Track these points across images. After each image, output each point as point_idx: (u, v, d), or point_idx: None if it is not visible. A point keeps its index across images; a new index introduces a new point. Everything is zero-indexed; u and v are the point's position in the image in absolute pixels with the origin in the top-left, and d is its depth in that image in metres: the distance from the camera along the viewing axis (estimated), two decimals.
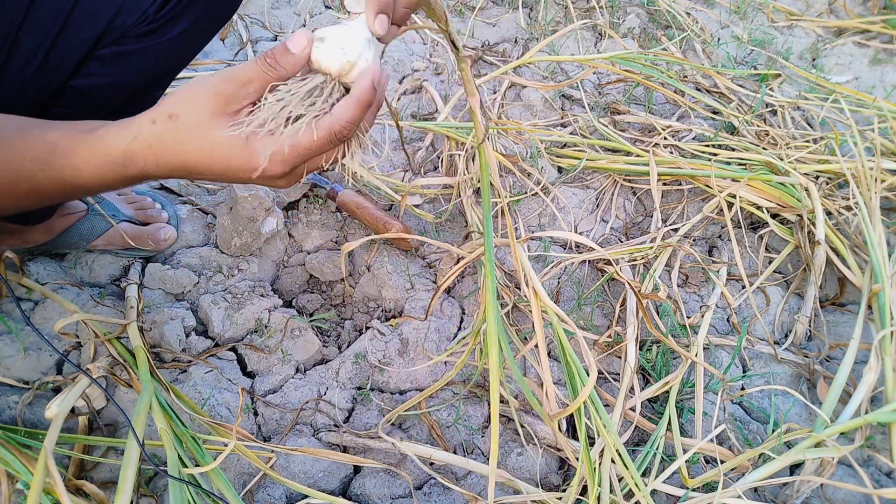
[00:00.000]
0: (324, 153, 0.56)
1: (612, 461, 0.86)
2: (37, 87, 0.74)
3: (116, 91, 0.80)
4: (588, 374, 0.82)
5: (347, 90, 0.56)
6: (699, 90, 1.59)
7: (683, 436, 0.94)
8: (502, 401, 0.99)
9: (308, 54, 0.54)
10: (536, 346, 1.09)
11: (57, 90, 0.76)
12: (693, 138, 1.41)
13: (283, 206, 1.23)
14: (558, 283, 1.16)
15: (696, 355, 1.01)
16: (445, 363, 1.05)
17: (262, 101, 0.54)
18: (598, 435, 0.87)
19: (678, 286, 1.19)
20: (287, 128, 0.53)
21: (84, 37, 0.73)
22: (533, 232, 1.26)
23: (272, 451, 0.85)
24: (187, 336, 1.02)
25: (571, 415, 0.98)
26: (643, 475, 0.88)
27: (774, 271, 1.23)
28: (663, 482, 0.88)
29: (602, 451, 0.88)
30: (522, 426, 0.97)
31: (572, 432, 0.97)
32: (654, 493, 0.88)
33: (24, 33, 0.69)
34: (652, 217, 1.29)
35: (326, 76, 0.55)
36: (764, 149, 1.35)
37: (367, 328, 1.08)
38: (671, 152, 1.35)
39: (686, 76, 1.62)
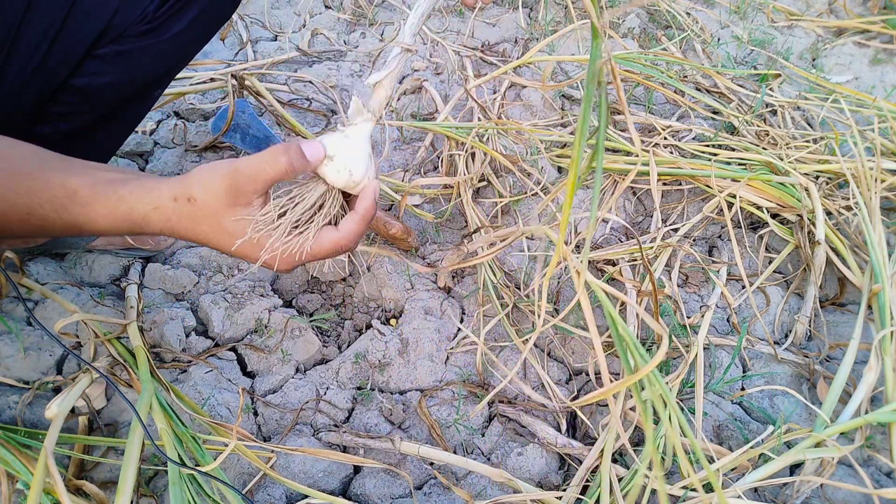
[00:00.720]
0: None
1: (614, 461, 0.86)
2: (37, 85, 0.74)
3: (116, 90, 0.80)
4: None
5: (345, 193, 0.63)
6: (699, 90, 1.58)
7: (683, 436, 0.94)
8: (503, 401, 0.99)
9: (318, 166, 0.59)
10: (537, 346, 1.09)
11: (57, 89, 0.76)
12: (693, 138, 1.41)
13: None
14: (558, 283, 1.16)
15: (695, 355, 1.01)
16: (446, 363, 1.05)
17: (271, 202, 0.58)
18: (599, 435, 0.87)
19: (678, 286, 1.19)
20: (296, 236, 0.59)
21: (83, 35, 0.73)
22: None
23: (272, 451, 0.85)
24: (187, 336, 1.02)
25: (573, 415, 0.98)
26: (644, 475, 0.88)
27: (774, 271, 1.23)
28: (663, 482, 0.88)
29: (602, 450, 0.88)
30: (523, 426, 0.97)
31: (572, 432, 0.98)
32: (653, 492, 0.87)
33: (23, 32, 0.69)
34: (652, 217, 1.29)
35: (330, 186, 0.61)
36: (764, 149, 1.35)
37: (368, 328, 1.08)
38: (671, 152, 1.35)
39: (686, 76, 1.62)
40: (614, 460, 0.90)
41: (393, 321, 1.10)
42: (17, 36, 0.69)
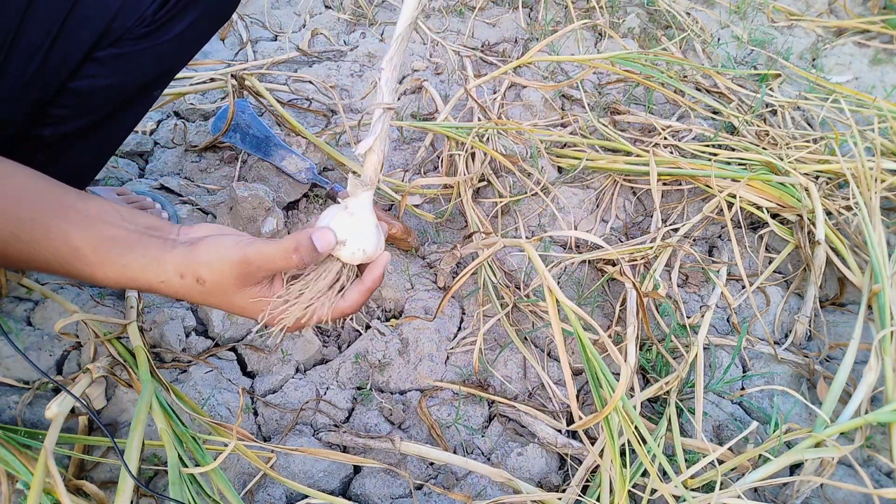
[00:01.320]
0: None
1: (612, 461, 0.86)
2: (36, 88, 0.74)
3: (115, 92, 0.80)
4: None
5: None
6: (699, 90, 1.58)
7: (683, 436, 0.94)
8: (503, 402, 0.99)
9: (330, 252, 0.60)
10: (535, 346, 1.09)
11: (56, 92, 0.76)
12: (693, 138, 1.41)
13: (284, 205, 1.23)
14: (558, 283, 1.16)
15: (695, 355, 1.01)
16: (446, 363, 1.05)
17: (286, 286, 0.60)
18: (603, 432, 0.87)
19: (678, 286, 1.19)
20: (306, 308, 0.60)
21: (82, 38, 0.73)
22: (533, 232, 1.26)
23: (272, 451, 0.85)
24: (187, 336, 1.02)
25: (573, 414, 0.98)
26: (643, 475, 0.88)
27: (774, 271, 1.23)
28: (662, 482, 0.88)
29: (602, 451, 0.88)
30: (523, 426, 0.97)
31: (572, 431, 0.97)
32: (653, 492, 0.87)
33: (22, 34, 0.69)
34: (652, 217, 1.29)
35: (345, 264, 0.62)
36: (764, 149, 1.35)
37: (368, 328, 1.08)
38: (671, 152, 1.35)
39: (686, 76, 1.62)
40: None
41: (393, 321, 1.10)
42: (17, 37, 0.69)
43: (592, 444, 0.92)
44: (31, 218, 0.53)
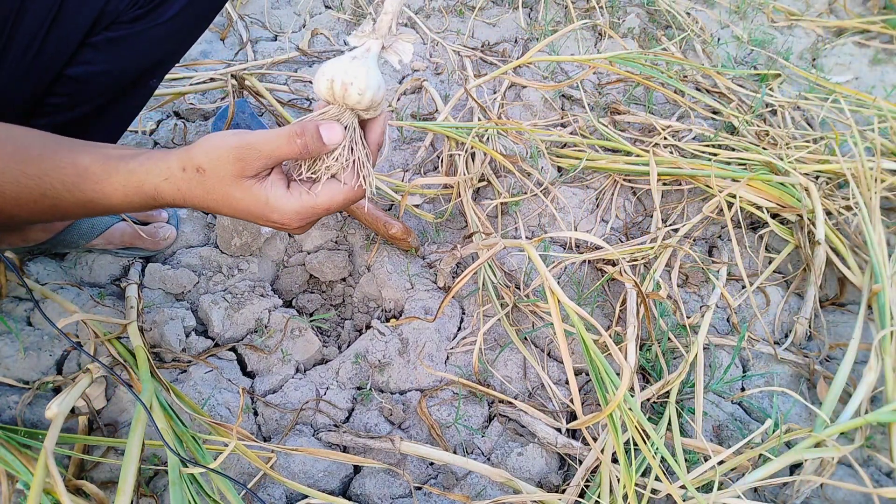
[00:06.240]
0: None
1: (613, 461, 0.86)
2: (35, 74, 0.73)
3: (110, 78, 0.80)
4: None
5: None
6: (699, 90, 1.58)
7: (683, 436, 0.94)
8: (503, 401, 0.99)
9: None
10: (536, 346, 1.09)
11: (53, 79, 0.76)
12: (693, 138, 1.41)
13: None
14: (558, 282, 1.16)
15: (695, 355, 1.01)
16: (446, 363, 1.05)
17: (305, 166, 0.60)
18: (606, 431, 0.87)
19: (678, 286, 1.18)
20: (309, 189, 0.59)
21: (79, 22, 0.73)
22: (533, 232, 1.26)
23: (272, 451, 0.85)
24: (187, 336, 1.02)
25: (573, 415, 0.98)
26: (643, 475, 0.88)
27: (774, 271, 1.22)
28: (668, 480, 0.88)
29: (602, 450, 0.88)
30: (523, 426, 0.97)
31: (572, 432, 0.97)
32: (653, 492, 0.88)
33: (21, 20, 0.69)
34: (652, 217, 1.29)
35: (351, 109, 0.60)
36: (764, 149, 1.35)
37: (368, 328, 1.08)
38: (671, 152, 1.35)
39: (686, 76, 1.62)
40: (614, 460, 0.90)
41: (393, 321, 1.10)
42: (15, 24, 0.69)
43: (593, 443, 0.92)
44: (38, 154, 0.56)
